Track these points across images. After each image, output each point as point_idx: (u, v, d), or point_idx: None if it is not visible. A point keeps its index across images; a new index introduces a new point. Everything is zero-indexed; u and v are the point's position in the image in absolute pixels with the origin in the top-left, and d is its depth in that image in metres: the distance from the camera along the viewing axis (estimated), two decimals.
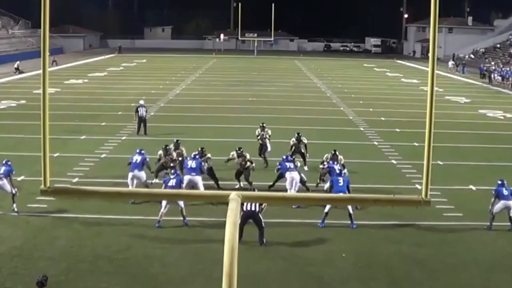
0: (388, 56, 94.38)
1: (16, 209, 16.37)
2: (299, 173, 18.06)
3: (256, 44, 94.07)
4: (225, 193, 5.06)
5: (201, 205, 16.65)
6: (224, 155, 19.92)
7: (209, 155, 18.96)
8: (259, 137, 22.87)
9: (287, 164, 18.27)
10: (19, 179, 18.60)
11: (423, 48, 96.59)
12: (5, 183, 16.44)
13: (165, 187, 15.93)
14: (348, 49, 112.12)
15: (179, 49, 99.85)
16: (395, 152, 24.90)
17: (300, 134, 22.08)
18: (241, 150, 19.28)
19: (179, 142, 20.52)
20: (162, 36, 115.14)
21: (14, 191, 16.51)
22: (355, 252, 14.36)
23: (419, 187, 18.97)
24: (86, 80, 51.85)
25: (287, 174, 17.87)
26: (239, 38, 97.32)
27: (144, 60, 77.62)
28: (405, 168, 22.28)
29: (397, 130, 30.26)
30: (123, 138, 26.81)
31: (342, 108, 37.56)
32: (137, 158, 18.16)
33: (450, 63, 70.27)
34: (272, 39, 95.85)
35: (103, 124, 30.05)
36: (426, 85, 6.89)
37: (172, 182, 16.07)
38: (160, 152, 19.57)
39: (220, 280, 4.28)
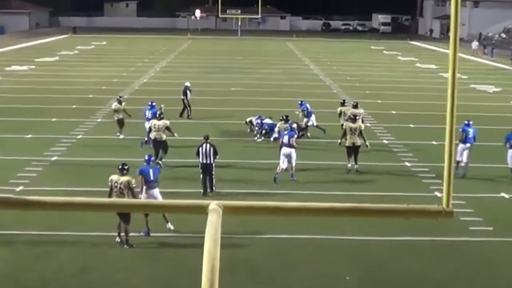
0: (400, 37, 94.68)
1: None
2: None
3: (240, 23, 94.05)
4: (203, 203, 5.04)
5: (173, 216, 16.60)
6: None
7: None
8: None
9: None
10: None
11: (443, 26, 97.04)
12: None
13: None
14: (351, 28, 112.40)
15: (147, 29, 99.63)
16: (409, 153, 24.97)
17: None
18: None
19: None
20: (125, 13, 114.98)
21: None
22: (361, 273, 14.39)
23: (439, 194, 19.02)
24: (32, 67, 51.60)
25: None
26: (219, 15, 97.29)
27: (104, 42, 77.36)
28: (421, 171, 22.36)
29: (411, 125, 30.36)
30: (79, 136, 26.71)
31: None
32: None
33: (475, 44, 70.59)
34: (259, 16, 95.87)
35: (53, 120, 29.90)
36: (446, 71, 6.88)
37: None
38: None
39: None
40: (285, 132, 21.51)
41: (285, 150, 20.92)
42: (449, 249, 15.91)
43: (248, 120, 27.59)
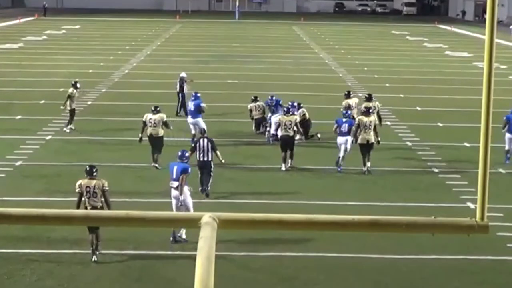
0: (427, 19, 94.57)
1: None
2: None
3: (238, 4, 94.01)
4: (195, 215, 5.04)
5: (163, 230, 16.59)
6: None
7: None
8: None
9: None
10: None
11: (477, 7, 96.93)
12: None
13: None
14: (369, 9, 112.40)
15: (128, 10, 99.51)
16: (437, 156, 24.92)
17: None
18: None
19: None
20: None
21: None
22: None
23: (472, 205, 19.00)
24: None
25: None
26: None
27: (78, 26, 77.29)
28: (451, 178, 22.32)
29: (440, 124, 30.31)
30: (48, 137, 26.66)
31: (360, 94, 37.63)
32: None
33: None
34: None
35: (18, 117, 29.87)
36: (481, 60, 6.87)
37: None
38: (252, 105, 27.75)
39: None
40: (344, 120, 22.97)
41: (341, 139, 22.66)
42: (483, 270, 15.86)
43: (249, 106, 28.16)
